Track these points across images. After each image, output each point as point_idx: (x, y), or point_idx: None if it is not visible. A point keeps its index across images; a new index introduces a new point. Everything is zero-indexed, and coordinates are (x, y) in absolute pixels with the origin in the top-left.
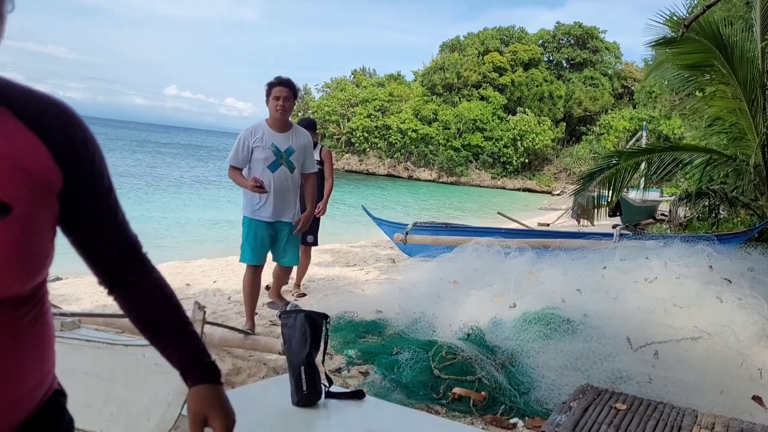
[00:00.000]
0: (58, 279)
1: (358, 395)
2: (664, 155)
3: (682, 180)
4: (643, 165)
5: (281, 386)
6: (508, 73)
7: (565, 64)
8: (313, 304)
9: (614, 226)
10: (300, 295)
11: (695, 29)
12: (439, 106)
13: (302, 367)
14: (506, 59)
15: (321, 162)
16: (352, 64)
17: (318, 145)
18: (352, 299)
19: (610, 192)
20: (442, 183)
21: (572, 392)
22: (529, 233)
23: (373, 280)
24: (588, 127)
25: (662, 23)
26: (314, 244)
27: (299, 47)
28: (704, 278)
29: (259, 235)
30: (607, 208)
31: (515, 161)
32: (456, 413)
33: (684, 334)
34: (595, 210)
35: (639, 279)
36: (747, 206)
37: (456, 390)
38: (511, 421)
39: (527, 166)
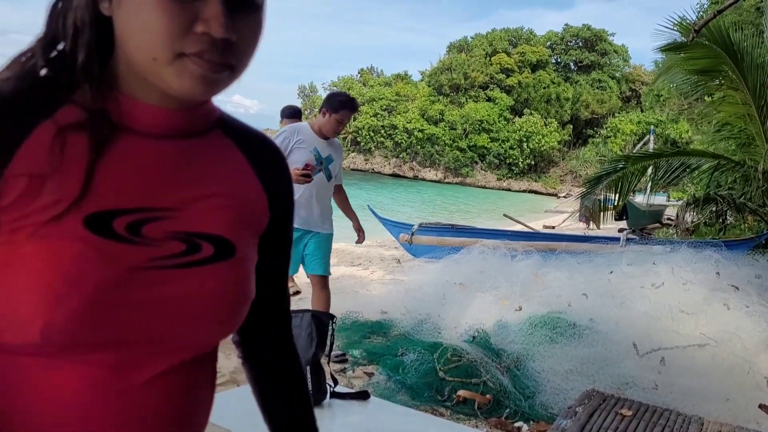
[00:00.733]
0: None
1: (363, 396)
2: (671, 160)
3: (689, 185)
4: (650, 169)
5: None
6: (516, 75)
7: (572, 66)
8: None
9: (621, 230)
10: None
11: (705, 34)
12: (446, 106)
13: (308, 367)
14: (514, 60)
15: None
16: (359, 63)
17: None
18: (357, 299)
19: (617, 196)
20: (448, 183)
21: (578, 397)
22: (535, 236)
23: (378, 281)
24: (595, 130)
25: (672, 28)
26: None
27: (306, 45)
28: (711, 285)
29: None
30: (613, 212)
31: (521, 163)
32: (460, 416)
33: (690, 340)
34: (601, 213)
35: (646, 284)
36: (755, 212)
37: (461, 392)
38: (516, 424)
39: (533, 168)
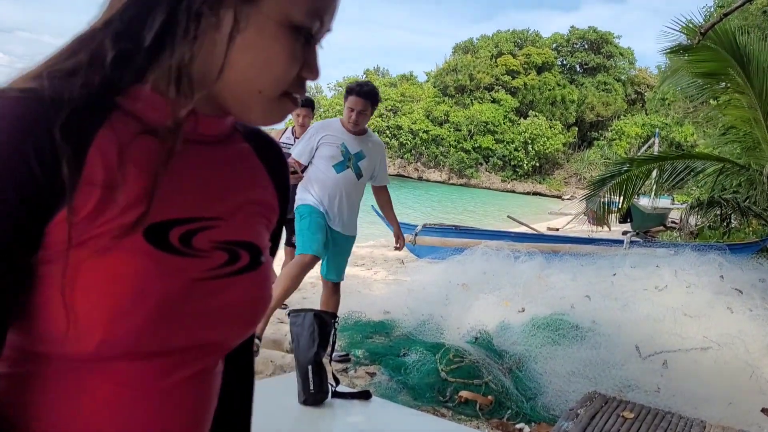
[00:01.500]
0: None
1: (364, 396)
2: (676, 163)
3: (693, 188)
4: (654, 172)
5: (288, 384)
6: (521, 77)
7: (578, 69)
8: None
9: (624, 233)
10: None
11: (711, 37)
12: (451, 107)
13: (309, 366)
14: (519, 62)
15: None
16: (365, 63)
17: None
18: (359, 299)
19: (621, 198)
20: (452, 185)
21: (579, 399)
22: (538, 237)
23: (381, 281)
24: (600, 133)
25: (678, 30)
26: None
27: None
28: (715, 288)
29: (321, 224)
30: (617, 215)
31: (526, 165)
32: (462, 416)
33: (693, 344)
34: (608, 215)
35: (649, 287)
36: (759, 216)
37: (462, 393)
38: (518, 426)
39: (537, 170)
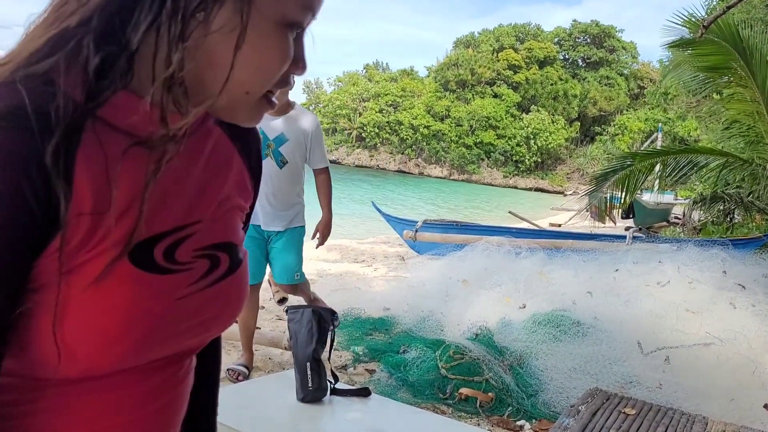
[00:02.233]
0: None
1: (363, 393)
2: (679, 157)
3: (696, 183)
4: (657, 167)
5: (287, 381)
6: (523, 71)
7: (580, 63)
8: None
9: (627, 228)
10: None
11: (714, 31)
12: (452, 102)
13: (308, 363)
14: (521, 57)
15: None
16: (364, 58)
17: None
18: (359, 296)
19: (624, 193)
20: (453, 180)
21: (581, 396)
22: (540, 233)
23: (381, 277)
24: (602, 128)
25: (680, 24)
26: None
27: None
28: (718, 283)
29: (250, 245)
30: (620, 210)
31: (528, 160)
32: (462, 414)
33: (696, 339)
34: (612, 211)
35: (651, 282)
36: (762, 211)
37: (463, 390)
38: (518, 423)
39: (540, 166)
